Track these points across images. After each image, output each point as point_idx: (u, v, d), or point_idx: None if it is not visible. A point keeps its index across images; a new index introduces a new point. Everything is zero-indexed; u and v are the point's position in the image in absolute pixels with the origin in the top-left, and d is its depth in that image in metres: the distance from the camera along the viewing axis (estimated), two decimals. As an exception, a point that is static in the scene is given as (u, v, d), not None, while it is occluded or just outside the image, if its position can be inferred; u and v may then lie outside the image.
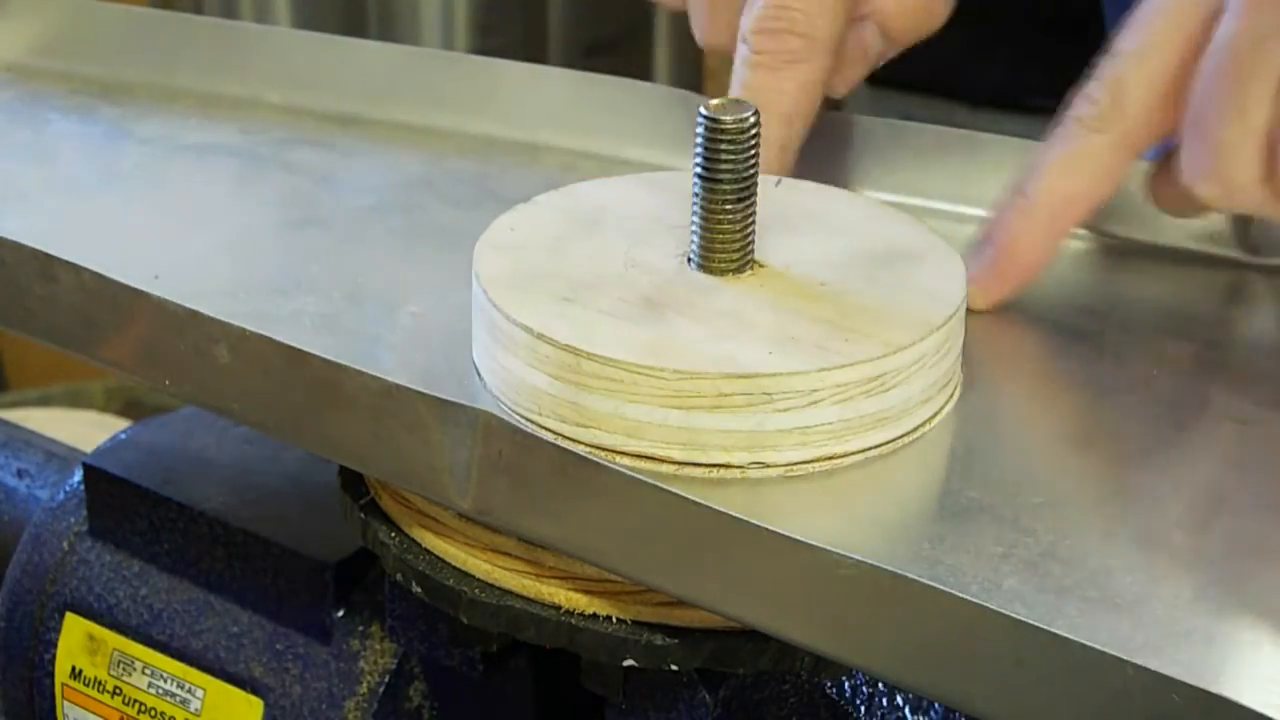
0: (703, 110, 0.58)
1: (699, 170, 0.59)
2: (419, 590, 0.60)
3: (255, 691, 0.73)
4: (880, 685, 0.65)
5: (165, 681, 0.75)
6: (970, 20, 0.76)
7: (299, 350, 0.58)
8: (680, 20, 0.74)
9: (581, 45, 2.44)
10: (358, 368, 0.56)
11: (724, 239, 0.59)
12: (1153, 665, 0.46)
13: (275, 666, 0.72)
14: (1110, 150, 0.63)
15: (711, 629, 0.56)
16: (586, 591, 0.57)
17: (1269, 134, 0.58)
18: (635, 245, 0.62)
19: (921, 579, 0.48)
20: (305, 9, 2.36)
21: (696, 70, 2.33)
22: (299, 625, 0.72)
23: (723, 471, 0.55)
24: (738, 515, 0.50)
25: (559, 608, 0.57)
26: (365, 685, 0.71)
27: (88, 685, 0.78)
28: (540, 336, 0.56)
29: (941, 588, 0.48)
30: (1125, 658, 0.46)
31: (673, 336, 0.56)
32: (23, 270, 0.64)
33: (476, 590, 0.58)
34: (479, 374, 0.60)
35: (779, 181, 0.65)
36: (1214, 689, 0.45)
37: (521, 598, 0.58)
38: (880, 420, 0.56)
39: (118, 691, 0.77)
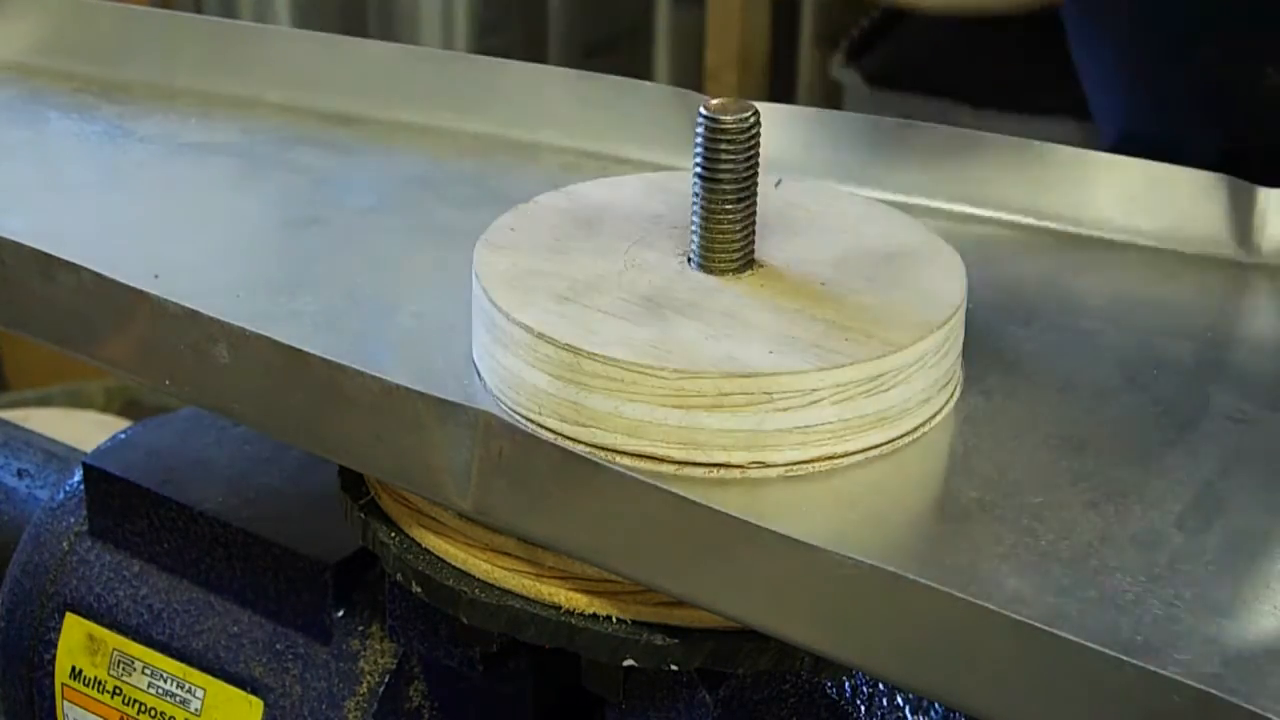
0: (703, 110, 0.58)
1: (699, 170, 0.59)
2: (419, 590, 0.60)
3: (255, 691, 0.73)
4: (880, 685, 0.65)
5: (165, 681, 0.75)
6: (971, 21, 0.76)
7: (299, 350, 0.58)
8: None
9: (581, 45, 2.44)
10: (358, 368, 0.56)
11: (724, 239, 0.59)
12: (1153, 665, 0.46)
13: (275, 666, 0.72)
14: None
15: (711, 629, 0.56)
16: (586, 591, 0.57)
17: None
18: (635, 245, 0.62)
19: (921, 579, 0.48)
20: (305, 9, 2.36)
21: (696, 70, 2.33)
22: (299, 625, 0.72)
23: (723, 471, 0.55)
24: (738, 515, 0.50)
25: (559, 608, 0.57)
26: (365, 685, 0.71)
27: (88, 685, 0.78)
28: (540, 336, 0.56)
29: (941, 588, 0.48)
30: (1125, 658, 0.46)
31: (673, 336, 0.56)
32: (23, 270, 0.64)
33: (476, 590, 0.58)
34: (479, 374, 0.60)
35: (779, 181, 0.66)
36: (1214, 689, 0.45)
37: (521, 598, 0.58)
38: (880, 420, 0.56)
39: (118, 691, 0.77)
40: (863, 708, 0.64)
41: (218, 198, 0.75)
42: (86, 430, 1.56)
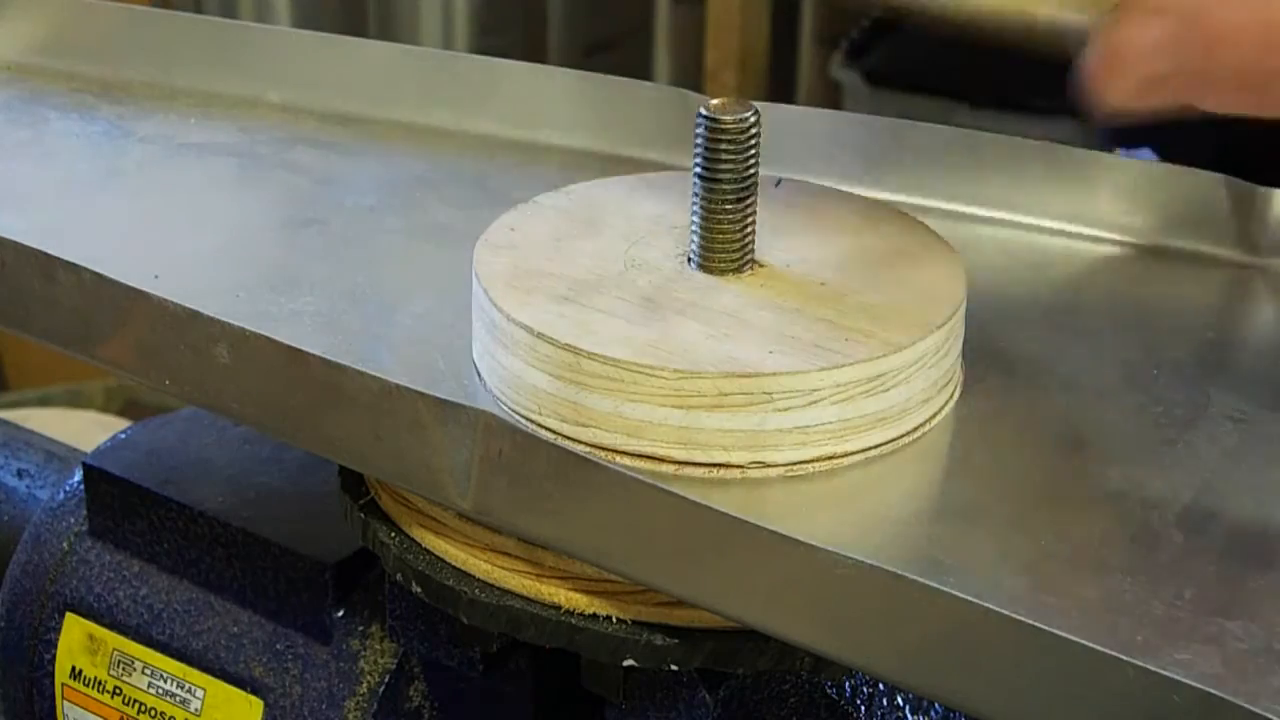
0: (703, 110, 0.58)
1: (699, 170, 0.59)
2: (419, 590, 0.60)
3: (255, 691, 0.73)
4: (880, 685, 0.65)
5: (165, 681, 0.75)
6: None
7: (299, 350, 0.58)
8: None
9: (581, 45, 2.44)
10: (358, 368, 0.56)
11: (724, 239, 0.59)
12: (1153, 665, 0.46)
13: (275, 666, 0.72)
14: None
15: (711, 629, 0.56)
16: (586, 591, 0.57)
17: None
18: (635, 245, 0.62)
19: (921, 579, 0.48)
20: (305, 9, 2.36)
21: (697, 70, 2.33)
22: (299, 625, 0.72)
23: (723, 471, 0.55)
24: (738, 515, 0.50)
25: (559, 608, 0.57)
26: (365, 685, 0.71)
27: (88, 685, 0.78)
28: (540, 336, 0.56)
29: (941, 588, 0.48)
30: (1125, 658, 0.46)
31: (673, 336, 0.56)
32: (23, 270, 0.64)
33: (476, 590, 0.58)
34: (479, 374, 0.60)
35: (779, 181, 0.66)
36: (1214, 689, 0.45)
37: (521, 598, 0.58)
38: (880, 420, 0.56)
39: (118, 691, 0.77)
40: (863, 708, 0.64)
41: (218, 198, 0.75)
42: (86, 430, 1.56)
